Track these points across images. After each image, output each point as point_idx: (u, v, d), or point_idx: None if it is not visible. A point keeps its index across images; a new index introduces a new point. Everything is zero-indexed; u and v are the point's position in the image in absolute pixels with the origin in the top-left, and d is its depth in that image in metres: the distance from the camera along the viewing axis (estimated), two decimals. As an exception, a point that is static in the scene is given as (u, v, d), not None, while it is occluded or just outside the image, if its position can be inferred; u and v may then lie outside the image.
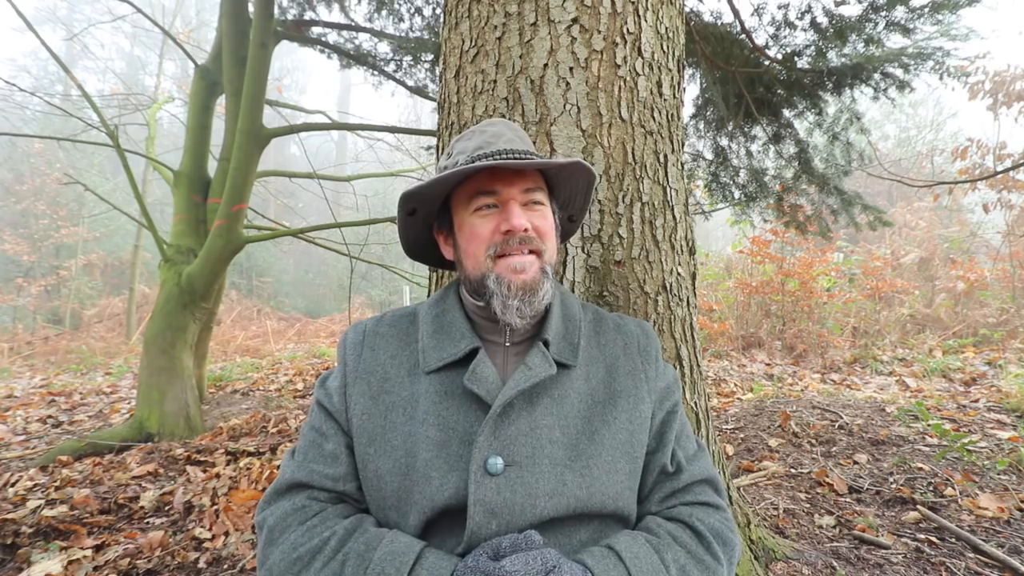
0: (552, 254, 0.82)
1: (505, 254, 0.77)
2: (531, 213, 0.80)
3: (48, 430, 3.78)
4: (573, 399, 0.78)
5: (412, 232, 0.90)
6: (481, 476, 0.70)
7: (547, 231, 0.82)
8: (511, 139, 0.84)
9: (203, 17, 14.68)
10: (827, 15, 2.93)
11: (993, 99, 8.44)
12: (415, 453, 0.74)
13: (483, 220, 0.79)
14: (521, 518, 0.69)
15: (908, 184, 4.66)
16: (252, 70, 3.48)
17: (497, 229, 0.78)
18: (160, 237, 3.79)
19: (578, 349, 0.82)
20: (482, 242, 0.78)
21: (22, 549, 1.81)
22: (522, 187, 0.80)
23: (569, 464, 0.73)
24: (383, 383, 0.80)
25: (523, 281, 0.76)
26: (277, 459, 2.55)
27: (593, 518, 0.74)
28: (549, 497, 0.70)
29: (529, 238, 0.78)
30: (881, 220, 3.57)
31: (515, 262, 0.77)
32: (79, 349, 9.31)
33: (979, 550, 1.60)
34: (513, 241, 0.77)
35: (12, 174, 13.33)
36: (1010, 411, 3.08)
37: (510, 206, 0.78)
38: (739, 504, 1.54)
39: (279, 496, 0.76)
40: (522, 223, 0.77)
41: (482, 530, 0.68)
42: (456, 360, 0.79)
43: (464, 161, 0.81)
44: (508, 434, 0.73)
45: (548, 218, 0.83)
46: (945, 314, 6.94)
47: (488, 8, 1.31)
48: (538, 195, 0.82)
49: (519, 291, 0.76)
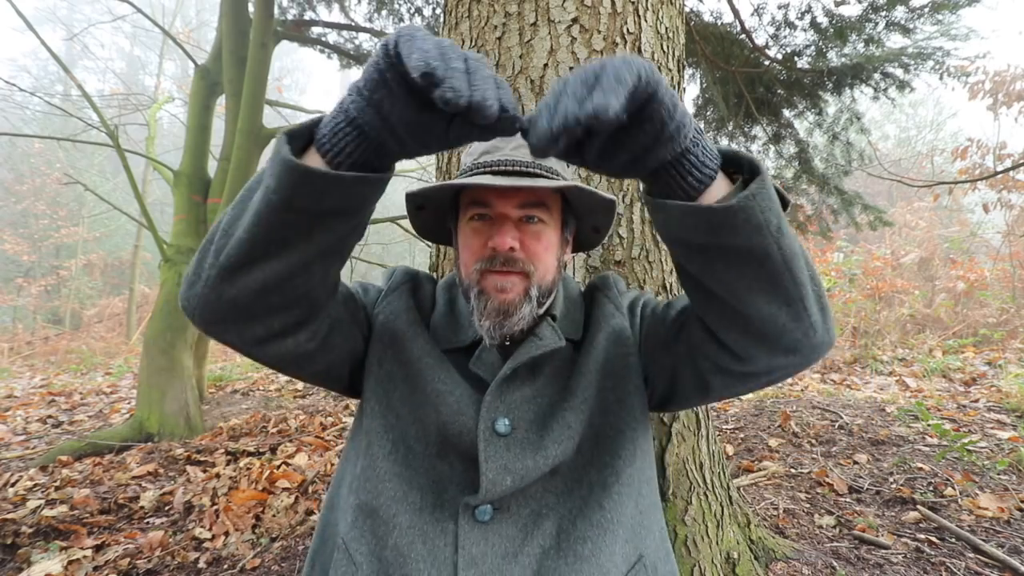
0: (544, 274, 0.77)
1: (490, 271, 0.75)
2: (524, 230, 0.76)
3: (48, 430, 3.78)
4: (575, 373, 0.80)
5: (424, 225, 0.91)
6: (490, 435, 0.72)
7: (539, 251, 0.76)
8: (522, 143, 0.79)
9: (203, 17, 14.69)
10: (827, 15, 2.94)
11: (993, 99, 8.44)
12: (431, 378, 0.77)
13: (475, 231, 0.77)
14: (535, 472, 0.71)
15: (908, 184, 4.66)
16: (252, 70, 3.48)
17: (486, 244, 0.76)
18: (160, 237, 3.79)
19: (580, 325, 0.84)
20: (472, 254, 0.77)
21: (22, 549, 1.81)
22: (519, 201, 0.75)
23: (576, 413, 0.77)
24: (415, 313, 0.83)
25: (501, 301, 0.74)
26: (277, 459, 2.55)
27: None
28: (558, 444, 0.73)
29: (514, 259, 0.74)
30: (881, 220, 3.57)
31: (498, 281, 0.75)
32: (79, 349, 9.31)
33: (979, 550, 1.60)
34: (497, 260, 0.74)
35: (12, 174, 13.35)
36: (1010, 411, 3.08)
37: (500, 223, 0.75)
38: (739, 504, 1.54)
39: None
40: (507, 243, 0.73)
41: (497, 487, 0.69)
42: (463, 347, 0.81)
43: (469, 164, 0.80)
44: (513, 399, 0.75)
45: (544, 237, 0.77)
46: (945, 314, 6.94)
47: (488, 8, 1.31)
48: (537, 211, 0.76)
49: (493, 312, 0.74)
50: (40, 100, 4.99)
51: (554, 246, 0.79)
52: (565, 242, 0.83)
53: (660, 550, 0.77)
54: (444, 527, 0.70)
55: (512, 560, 0.68)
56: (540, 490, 0.73)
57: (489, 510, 0.70)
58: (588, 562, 0.68)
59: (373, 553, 0.70)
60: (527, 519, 0.71)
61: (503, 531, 0.70)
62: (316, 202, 0.54)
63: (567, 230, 0.83)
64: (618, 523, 0.72)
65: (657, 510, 0.80)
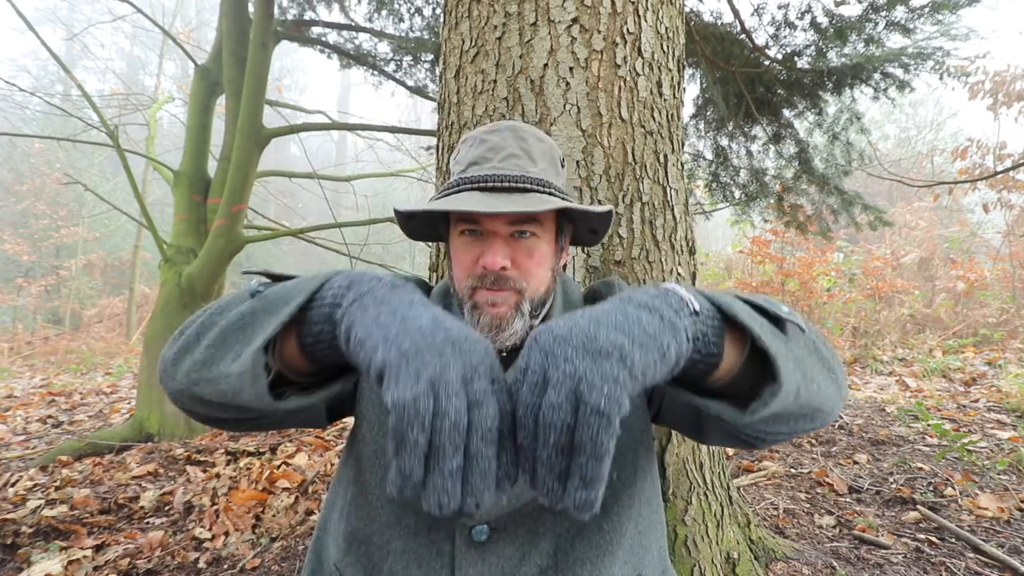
0: (537, 288, 0.76)
1: (482, 288, 0.74)
2: (516, 246, 0.74)
3: (48, 430, 3.78)
4: None
5: (415, 232, 0.89)
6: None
7: (531, 268, 0.74)
8: (511, 154, 0.77)
9: (203, 17, 14.68)
10: (827, 15, 2.93)
11: (993, 99, 8.45)
12: None
13: (466, 247, 0.76)
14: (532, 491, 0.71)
15: (908, 184, 4.66)
16: (252, 70, 3.48)
17: (476, 261, 0.74)
18: (160, 237, 3.78)
19: None
20: (464, 270, 0.76)
21: (22, 549, 1.81)
22: (509, 218, 0.73)
23: None
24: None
25: (493, 315, 0.73)
26: (277, 459, 2.55)
27: None
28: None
29: (505, 278, 0.73)
30: (881, 220, 3.57)
31: (489, 297, 0.74)
32: (79, 349, 9.31)
33: (979, 550, 1.60)
34: (488, 279, 0.73)
35: (12, 174, 13.34)
36: (1010, 411, 3.08)
37: (491, 240, 0.73)
38: (739, 504, 1.54)
39: None
40: (497, 263, 0.71)
41: (493, 505, 0.69)
42: None
43: (456, 178, 0.77)
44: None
45: (537, 251, 0.75)
46: (945, 314, 6.94)
47: (488, 8, 1.31)
48: (528, 225, 0.74)
49: (485, 326, 0.73)
50: (40, 100, 4.98)
51: (548, 259, 0.77)
52: (560, 249, 0.81)
53: (657, 568, 0.77)
54: (440, 549, 0.69)
55: None
56: (537, 509, 0.71)
57: (486, 530, 0.69)
58: None
59: None
60: (524, 539, 0.70)
61: (500, 551, 0.69)
62: (270, 405, 0.55)
63: (562, 238, 0.81)
64: (617, 544, 0.71)
65: (657, 529, 0.79)
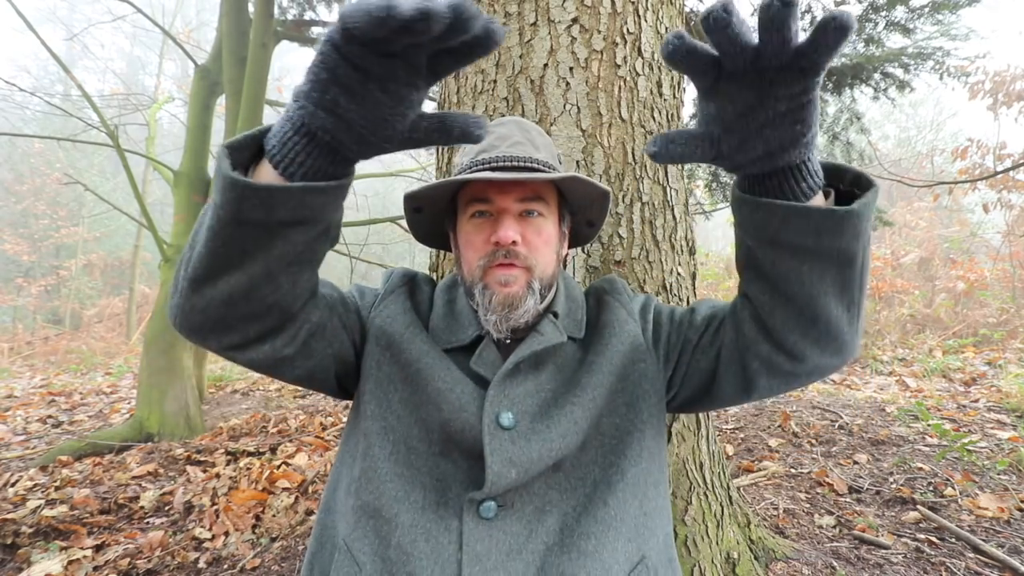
0: (545, 268, 0.79)
1: (493, 265, 0.77)
2: (525, 224, 0.78)
3: (48, 430, 3.78)
4: (577, 368, 0.81)
5: (421, 228, 0.91)
6: (495, 429, 0.72)
7: (540, 245, 0.78)
8: (517, 142, 0.82)
9: (203, 17, 14.68)
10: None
11: (993, 99, 8.44)
12: (431, 377, 0.76)
13: (477, 228, 0.79)
14: (539, 463, 0.72)
15: (908, 184, 4.66)
16: (252, 70, 3.49)
17: (488, 239, 0.77)
18: (160, 237, 3.79)
19: (582, 324, 0.85)
20: (475, 251, 0.78)
21: (22, 549, 1.81)
22: (518, 195, 0.77)
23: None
24: (413, 315, 0.83)
25: (505, 295, 0.75)
26: (277, 459, 2.55)
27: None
28: (563, 436, 0.74)
29: (516, 252, 0.76)
30: (881, 220, 3.58)
31: (501, 275, 0.76)
32: (79, 349, 9.32)
33: (979, 550, 1.60)
34: (499, 254, 0.76)
35: (12, 174, 13.35)
36: (1010, 411, 3.08)
37: (502, 217, 0.77)
38: (739, 504, 1.54)
39: None
40: (509, 235, 0.74)
41: (502, 479, 0.70)
42: (464, 345, 0.81)
43: (467, 163, 0.81)
44: (516, 392, 0.76)
45: (545, 230, 0.79)
46: (945, 314, 6.93)
47: (488, 8, 1.31)
48: (536, 204, 0.79)
49: (499, 306, 0.76)
50: (40, 100, 4.98)
51: (553, 239, 0.81)
52: (563, 236, 0.86)
53: (663, 555, 0.77)
54: (448, 524, 0.70)
55: (516, 556, 0.68)
56: (543, 486, 0.73)
57: (493, 507, 0.70)
58: (591, 558, 0.68)
59: (376, 553, 0.69)
60: (531, 515, 0.72)
61: (507, 528, 0.70)
62: (267, 214, 0.53)
63: (564, 224, 0.86)
64: (621, 521, 0.72)
65: (663, 516, 0.80)
